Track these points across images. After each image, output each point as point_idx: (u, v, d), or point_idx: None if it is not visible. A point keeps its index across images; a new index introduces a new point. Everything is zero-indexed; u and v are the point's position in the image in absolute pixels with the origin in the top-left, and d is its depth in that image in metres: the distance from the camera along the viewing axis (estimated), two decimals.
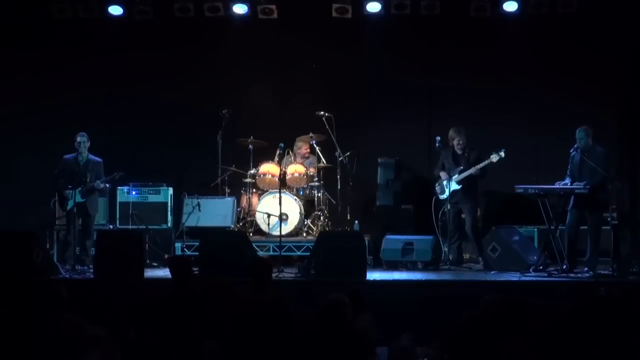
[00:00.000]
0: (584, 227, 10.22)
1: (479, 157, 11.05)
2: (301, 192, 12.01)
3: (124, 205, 11.71)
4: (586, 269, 10.03)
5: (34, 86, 12.74)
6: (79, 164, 10.75)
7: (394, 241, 10.91)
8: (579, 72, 12.29)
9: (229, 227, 11.58)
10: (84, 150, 10.82)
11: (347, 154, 11.81)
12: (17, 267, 9.38)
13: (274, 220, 11.37)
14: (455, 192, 11.09)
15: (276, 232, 11.10)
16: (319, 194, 11.94)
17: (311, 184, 11.94)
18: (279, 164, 11.96)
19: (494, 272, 10.33)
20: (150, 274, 10.21)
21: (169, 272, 7.30)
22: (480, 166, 10.93)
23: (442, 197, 11.19)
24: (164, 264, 10.94)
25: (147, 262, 10.61)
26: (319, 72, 12.67)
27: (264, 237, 11.57)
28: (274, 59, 12.78)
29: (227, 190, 11.99)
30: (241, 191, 12.03)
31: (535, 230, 11.43)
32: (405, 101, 12.76)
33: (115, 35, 12.58)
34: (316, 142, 12.08)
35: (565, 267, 10.03)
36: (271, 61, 12.78)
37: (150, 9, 12.39)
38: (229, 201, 11.82)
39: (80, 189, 10.66)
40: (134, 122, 12.82)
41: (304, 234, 11.69)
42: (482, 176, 11.08)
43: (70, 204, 10.65)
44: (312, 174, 11.94)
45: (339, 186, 11.80)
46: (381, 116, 12.71)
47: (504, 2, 12.14)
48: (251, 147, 11.97)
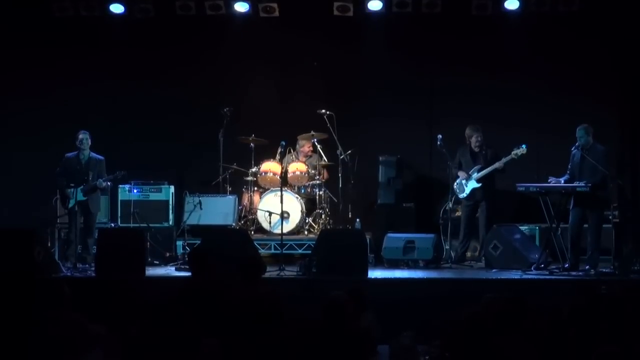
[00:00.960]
0: (586, 226, 10.22)
1: (496, 154, 11.05)
2: (302, 190, 12.01)
3: (126, 203, 11.72)
4: (587, 267, 10.03)
5: (35, 84, 12.73)
6: (80, 162, 10.75)
7: (395, 239, 10.91)
8: (580, 70, 12.29)
9: (230, 226, 11.59)
10: (86, 147, 10.82)
11: (349, 152, 11.80)
12: (19, 265, 9.37)
13: (276, 218, 11.37)
14: (475, 190, 11.10)
15: (277, 230, 11.11)
16: (320, 192, 11.94)
17: (312, 182, 11.94)
18: (281, 162, 11.97)
19: (495, 271, 10.34)
20: (151, 272, 10.22)
21: (189, 265, 7.11)
22: (504, 161, 10.90)
23: (462, 196, 11.20)
24: (165, 262, 10.97)
25: (149, 260, 10.62)
26: (321, 70, 12.66)
27: (266, 235, 11.58)
28: (276, 57, 12.77)
29: (229, 188, 11.98)
30: (242, 189, 12.03)
31: (536, 228, 11.43)
32: (406, 99, 12.76)
33: (116, 33, 12.58)
34: (317, 140, 12.08)
35: (566, 265, 10.04)
36: (272, 59, 12.77)
37: (151, 7, 12.39)
38: (231, 199, 11.82)
39: (82, 187, 10.67)
40: (136, 120, 12.82)
41: (306, 232, 11.69)
42: (503, 171, 11.07)
43: (72, 202, 10.65)
44: (315, 173, 11.94)
45: (341, 184, 11.79)
46: (382, 114, 12.71)
47: (505, 0, 12.13)
48: (252, 145, 11.97)
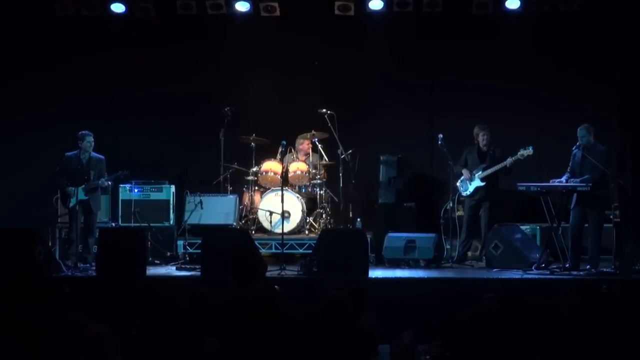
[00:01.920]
0: (587, 225, 10.22)
1: (503, 153, 11.05)
2: (303, 190, 12.01)
3: (126, 202, 11.73)
4: (588, 267, 10.03)
5: (36, 83, 12.74)
6: (81, 162, 10.74)
7: (396, 239, 10.92)
8: (581, 69, 12.29)
9: (231, 225, 11.59)
10: (90, 150, 10.81)
11: (349, 151, 11.80)
12: (19, 264, 9.38)
13: (276, 217, 11.37)
14: (478, 188, 11.11)
15: (278, 230, 11.10)
16: (321, 192, 11.94)
17: (313, 182, 11.94)
18: (281, 161, 11.97)
19: (496, 270, 10.34)
20: (152, 271, 10.22)
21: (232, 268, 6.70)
22: (511, 161, 10.89)
23: (465, 193, 11.22)
24: (166, 262, 10.98)
25: (149, 259, 10.63)
26: (321, 70, 12.66)
27: (266, 235, 11.58)
28: (276, 57, 12.76)
29: (230, 187, 11.98)
30: (243, 189, 12.03)
31: (537, 228, 11.44)
32: (407, 99, 12.76)
33: (117, 33, 12.59)
34: (318, 139, 12.08)
35: (567, 265, 10.04)
36: (273, 59, 12.76)
37: (152, 6, 12.40)
38: (231, 199, 11.81)
39: (83, 186, 10.66)
40: (136, 120, 12.82)
41: (306, 232, 11.68)
42: (509, 173, 11.06)
43: (72, 201, 10.65)
44: (315, 172, 11.93)
45: (341, 184, 11.79)
46: (383, 114, 12.71)
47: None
48: (253, 144, 11.97)
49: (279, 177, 11.66)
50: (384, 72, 12.70)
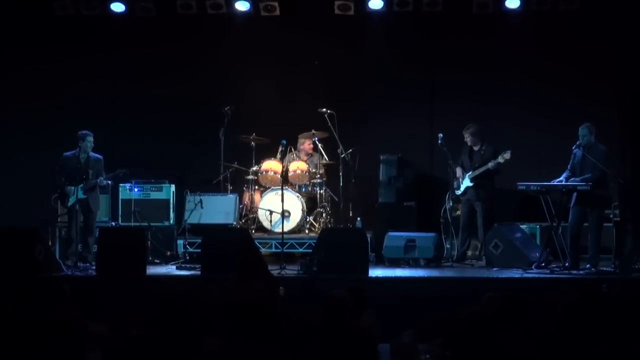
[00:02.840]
0: (587, 224, 10.22)
1: (495, 152, 11.02)
2: (303, 189, 12.01)
3: (126, 202, 11.73)
4: (588, 266, 10.03)
5: (36, 83, 12.75)
6: (80, 161, 10.72)
7: (396, 238, 10.91)
8: (581, 68, 12.29)
9: (231, 224, 11.59)
10: (90, 149, 10.81)
11: (349, 151, 11.80)
12: (19, 264, 9.37)
13: (276, 217, 11.37)
14: (468, 188, 11.12)
15: (278, 229, 11.10)
16: (321, 191, 11.94)
17: (313, 181, 11.94)
18: (281, 161, 11.97)
19: (496, 269, 10.34)
20: (152, 271, 10.22)
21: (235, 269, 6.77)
22: (492, 164, 10.88)
23: (458, 192, 11.23)
24: (166, 261, 10.98)
25: (149, 259, 10.63)
26: (321, 69, 12.67)
27: (266, 234, 11.58)
28: (276, 56, 12.77)
29: (230, 187, 11.98)
30: (243, 188, 12.03)
31: (537, 227, 11.43)
32: (407, 98, 12.76)
33: (117, 32, 12.59)
34: (318, 139, 12.08)
35: (567, 264, 10.04)
36: (273, 58, 12.77)
37: (152, 6, 12.41)
38: (231, 198, 11.81)
39: (82, 185, 10.66)
40: (136, 119, 12.83)
41: (306, 231, 11.68)
42: (497, 173, 11.06)
43: (72, 200, 10.64)
44: (315, 172, 11.94)
45: (341, 183, 11.79)
46: (383, 113, 12.72)
47: None
48: (253, 144, 11.97)
49: (279, 176, 11.67)
50: (384, 72, 12.70)
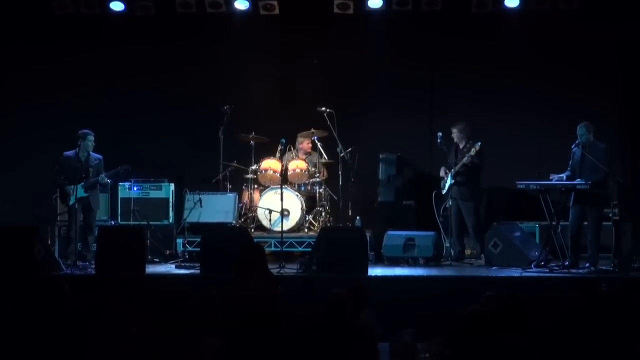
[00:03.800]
0: (586, 223, 10.23)
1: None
2: (302, 188, 12.01)
3: (126, 201, 11.73)
4: (587, 265, 10.04)
5: (35, 82, 12.74)
6: (80, 160, 10.71)
7: (395, 237, 10.92)
8: (580, 67, 12.30)
9: (230, 223, 11.59)
10: (90, 148, 10.81)
11: (349, 149, 11.79)
12: (19, 263, 9.37)
13: (276, 216, 11.38)
14: (452, 186, 11.13)
15: (278, 228, 11.10)
16: (320, 190, 11.94)
17: (313, 180, 11.94)
18: (281, 159, 11.97)
19: (495, 268, 10.35)
20: (151, 270, 10.22)
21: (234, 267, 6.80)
22: (467, 158, 10.87)
23: (443, 191, 11.26)
24: (165, 260, 10.98)
25: (149, 258, 10.63)
26: (321, 68, 12.67)
27: (266, 233, 11.58)
28: (276, 55, 12.78)
29: (229, 186, 11.99)
30: (243, 187, 12.04)
31: (536, 226, 11.43)
32: (406, 97, 12.76)
33: (117, 31, 12.59)
34: (318, 138, 12.08)
35: (566, 263, 10.04)
36: (273, 57, 12.77)
37: (151, 4, 12.42)
38: (231, 197, 11.82)
39: (82, 183, 10.65)
40: (136, 118, 12.81)
41: (306, 230, 11.68)
42: (477, 168, 11.04)
43: (72, 199, 10.64)
44: (315, 170, 11.94)
45: (341, 182, 11.79)
46: (382, 112, 12.72)
47: None
48: (253, 142, 11.98)
49: (279, 175, 11.67)
50: (383, 70, 12.71)
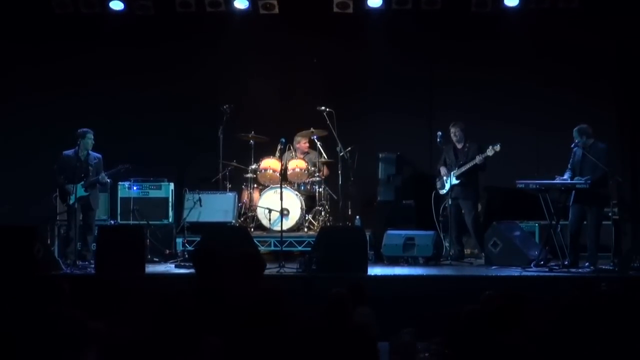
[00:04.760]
0: (586, 223, 10.23)
1: (480, 149, 11.01)
2: (302, 188, 12.01)
3: (125, 200, 11.72)
4: (587, 264, 10.04)
5: (35, 81, 12.74)
6: (80, 159, 10.70)
7: (395, 236, 10.91)
8: (580, 66, 12.30)
9: (230, 223, 11.59)
10: (90, 147, 10.81)
11: (348, 149, 11.79)
12: (18, 262, 9.37)
13: (275, 215, 11.38)
14: (453, 186, 11.11)
15: (277, 228, 11.10)
16: (320, 189, 11.94)
17: (312, 179, 11.94)
18: (280, 159, 11.97)
19: (495, 267, 10.34)
20: (151, 269, 10.21)
21: (193, 266, 7.08)
22: (475, 161, 10.89)
23: (442, 192, 11.24)
24: (165, 260, 10.98)
25: (148, 257, 10.62)
26: (320, 67, 12.67)
27: (265, 233, 11.57)
28: (275, 54, 12.77)
29: (229, 185, 11.99)
30: (242, 186, 12.03)
31: (536, 225, 11.43)
32: (406, 96, 12.76)
33: (116, 30, 12.59)
34: (317, 137, 12.08)
35: (566, 262, 10.04)
36: (272, 56, 12.76)
37: (151, 4, 12.42)
38: (230, 196, 11.82)
39: (83, 182, 10.65)
40: (135, 117, 12.81)
41: (305, 229, 11.68)
42: (483, 168, 11.06)
43: (72, 199, 10.63)
44: (314, 170, 11.94)
45: (340, 181, 11.79)
46: (382, 111, 12.72)
47: None
48: (252, 142, 11.98)
49: (278, 174, 11.66)
50: (383, 70, 12.71)
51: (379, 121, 12.68)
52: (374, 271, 9.93)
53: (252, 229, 11.63)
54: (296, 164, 11.89)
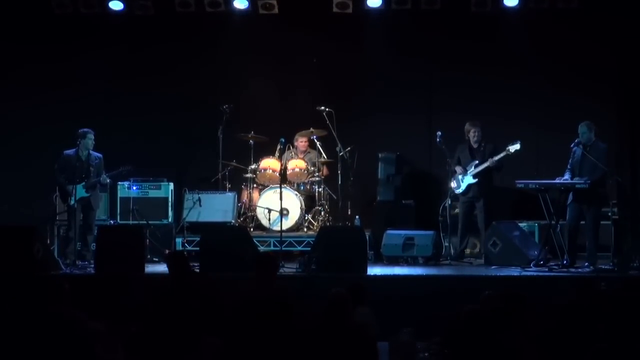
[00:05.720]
0: (584, 222, 10.23)
1: (495, 149, 11.03)
2: (302, 187, 12.01)
3: (125, 200, 11.72)
4: (587, 264, 10.04)
5: (34, 81, 12.72)
6: (80, 159, 10.70)
7: (394, 236, 10.92)
8: (579, 67, 12.29)
9: (229, 223, 11.59)
10: (91, 147, 10.81)
11: (348, 149, 11.79)
12: (18, 262, 9.37)
13: (275, 215, 11.38)
14: (470, 185, 11.10)
15: (277, 227, 11.11)
16: (319, 189, 11.94)
17: (312, 179, 11.94)
18: (280, 159, 11.98)
19: (494, 267, 10.35)
20: (150, 269, 10.21)
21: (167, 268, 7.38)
22: (497, 158, 10.91)
23: (458, 191, 11.21)
24: (164, 259, 10.96)
25: (148, 257, 10.61)
26: (320, 67, 12.67)
27: (265, 232, 11.57)
28: (275, 54, 12.77)
29: (228, 185, 11.99)
30: (242, 186, 12.04)
31: (535, 225, 11.43)
32: (406, 96, 12.76)
33: (115, 31, 12.58)
34: (317, 137, 12.08)
35: (565, 262, 10.05)
36: (272, 56, 12.76)
37: (150, 4, 12.41)
38: (230, 196, 11.82)
39: (84, 183, 10.65)
40: (135, 118, 12.80)
41: (305, 229, 11.68)
42: (499, 169, 11.07)
43: (72, 200, 10.63)
44: (314, 170, 11.94)
45: (340, 181, 11.79)
46: (382, 111, 12.71)
47: None
48: (252, 142, 11.98)
49: (278, 174, 11.66)
50: (383, 70, 12.71)
51: (379, 121, 12.68)
52: (374, 271, 9.94)
53: (252, 229, 11.63)
54: (296, 164, 11.89)
